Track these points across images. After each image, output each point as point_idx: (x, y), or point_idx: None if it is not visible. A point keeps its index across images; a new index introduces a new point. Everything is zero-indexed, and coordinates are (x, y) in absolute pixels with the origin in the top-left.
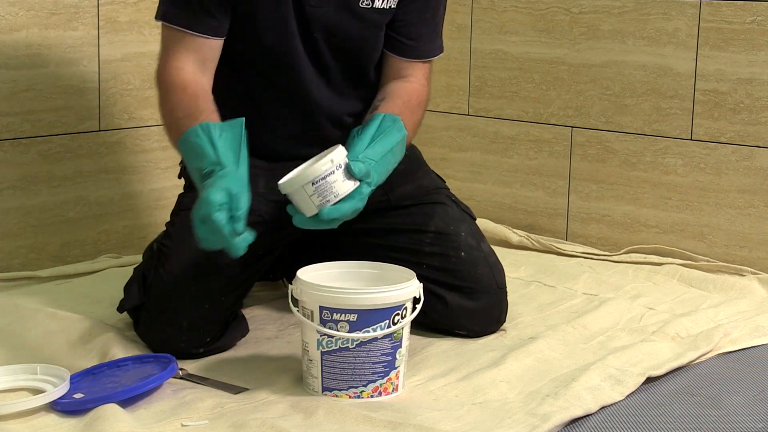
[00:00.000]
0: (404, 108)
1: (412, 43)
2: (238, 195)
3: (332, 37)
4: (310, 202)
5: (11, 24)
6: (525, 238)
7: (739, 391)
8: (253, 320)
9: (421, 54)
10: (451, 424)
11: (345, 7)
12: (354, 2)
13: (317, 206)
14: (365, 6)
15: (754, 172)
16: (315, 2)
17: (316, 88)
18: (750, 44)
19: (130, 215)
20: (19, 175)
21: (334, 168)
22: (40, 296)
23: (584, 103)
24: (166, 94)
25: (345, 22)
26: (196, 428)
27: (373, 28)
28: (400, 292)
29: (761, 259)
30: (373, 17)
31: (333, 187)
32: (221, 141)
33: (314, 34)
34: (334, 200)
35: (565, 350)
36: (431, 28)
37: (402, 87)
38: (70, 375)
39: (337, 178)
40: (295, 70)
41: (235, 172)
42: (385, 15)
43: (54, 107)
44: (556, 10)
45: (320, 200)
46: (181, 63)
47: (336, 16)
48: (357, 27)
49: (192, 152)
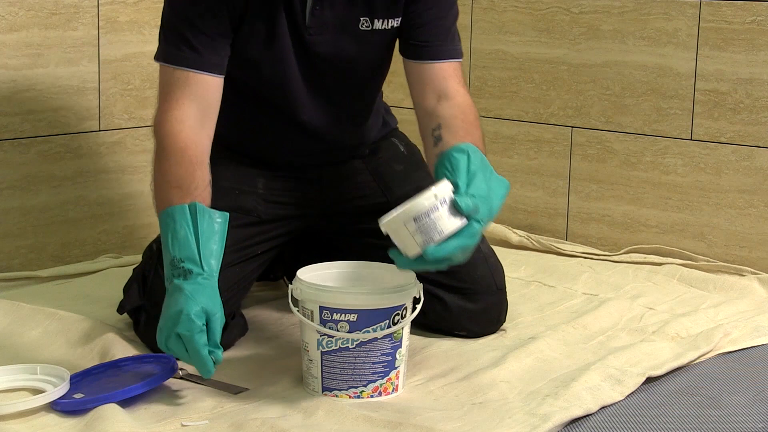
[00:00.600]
0: (470, 128)
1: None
2: (217, 316)
3: (332, 61)
4: (413, 241)
5: (11, 24)
6: (525, 238)
7: (739, 391)
8: (253, 320)
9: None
10: (451, 424)
11: (344, 31)
12: (353, 25)
13: (420, 245)
14: (365, 29)
15: (754, 172)
16: (314, 30)
17: (313, 111)
18: (750, 44)
19: (130, 215)
20: (19, 175)
21: (438, 203)
22: (40, 296)
23: (584, 103)
24: (162, 152)
25: (345, 46)
26: (196, 428)
27: (374, 50)
28: (399, 293)
29: (761, 259)
30: (374, 39)
31: (437, 224)
32: (205, 234)
33: (313, 59)
34: (439, 238)
35: (565, 350)
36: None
37: (451, 109)
38: (70, 375)
39: (442, 215)
40: (292, 97)
41: (215, 284)
42: (387, 35)
43: (54, 107)
44: (556, 10)
45: (423, 239)
46: (183, 113)
47: (336, 41)
48: (357, 50)
49: (173, 235)
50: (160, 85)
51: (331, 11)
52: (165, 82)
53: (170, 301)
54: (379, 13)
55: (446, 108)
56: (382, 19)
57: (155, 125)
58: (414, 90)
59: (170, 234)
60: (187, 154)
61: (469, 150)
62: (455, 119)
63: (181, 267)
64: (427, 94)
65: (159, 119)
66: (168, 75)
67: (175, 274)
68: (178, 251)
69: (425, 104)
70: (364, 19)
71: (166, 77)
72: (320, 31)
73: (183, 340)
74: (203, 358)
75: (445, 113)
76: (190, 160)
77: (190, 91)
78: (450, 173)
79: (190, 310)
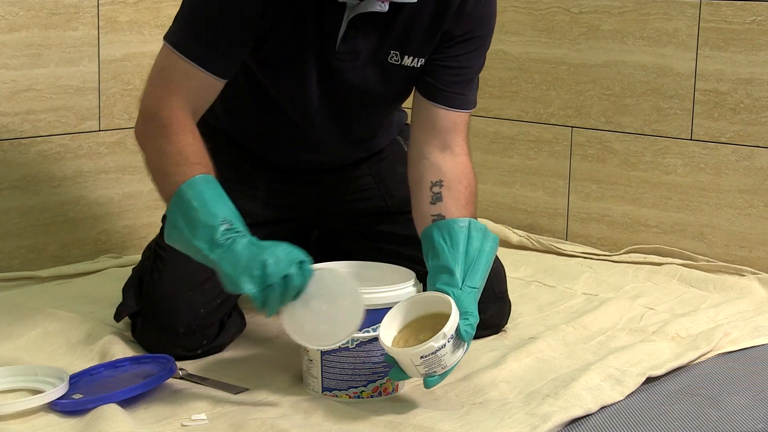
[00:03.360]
0: (470, 198)
1: (446, 90)
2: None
3: (355, 90)
4: (415, 371)
5: (11, 24)
6: (525, 238)
7: (739, 391)
8: (253, 320)
9: (455, 102)
10: (451, 424)
11: (373, 62)
12: (383, 57)
13: (422, 375)
14: (394, 62)
15: (754, 172)
16: (343, 56)
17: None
18: (750, 44)
19: (130, 215)
20: (19, 175)
21: (446, 341)
22: (40, 296)
23: (584, 103)
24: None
25: (371, 77)
26: (196, 428)
27: (398, 84)
28: (399, 292)
29: (761, 259)
30: (400, 74)
31: (442, 360)
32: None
33: (337, 85)
34: (441, 371)
35: (565, 350)
36: (467, 78)
37: (456, 168)
38: (70, 375)
39: (447, 351)
40: (307, 115)
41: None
42: (412, 73)
43: (54, 107)
44: (556, 10)
45: (426, 371)
46: (181, 101)
47: (363, 70)
48: (382, 82)
49: (209, 199)
50: (159, 67)
51: (363, 40)
52: (166, 67)
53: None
54: (411, 50)
55: (450, 165)
56: (413, 57)
57: (153, 107)
58: (418, 128)
59: (204, 200)
60: (197, 134)
61: (472, 234)
62: (459, 184)
63: (232, 228)
64: (431, 139)
65: (158, 102)
66: (172, 60)
67: (226, 233)
68: (221, 212)
69: (427, 151)
70: (394, 52)
71: (169, 62)
72: (350, 58)
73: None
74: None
75: (448, 171)
76: (199, 139)
77: (189, 85)
78: (449, 252)
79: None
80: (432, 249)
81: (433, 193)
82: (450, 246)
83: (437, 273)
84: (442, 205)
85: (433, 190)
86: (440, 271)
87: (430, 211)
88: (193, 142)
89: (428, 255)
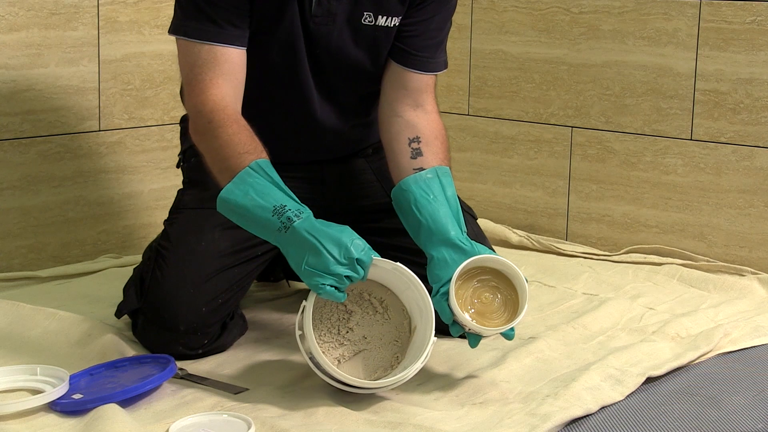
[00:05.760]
0: (446, 153)
1: (417, 54)
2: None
3: (334, 54)
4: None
5: (11, 24)
6: (525, 238)
7: (739, 391)
8: (253, 320)
9: (426, 66)
10: (451, 424)
11: (347, 24)
12: (356, 19)
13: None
14: (368, 23)
15: (754, 172)
16: (319, 19)
17: (319, 106)
18: (750, 44)
19: (130, 215)
20: (19, 175)
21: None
22: (40, 296)
23: (584, 103)
24: (215, 125)
25: (347, 39)
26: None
27: (373, 45)
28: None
29: (761, 259)
30: (374, 34)
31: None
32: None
33: (317, 51)
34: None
35: (565, 350)
36: (437, 41)
37: (430, 125)
38: (70, 375)
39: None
40: (300, 88)
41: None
42: (387, 33)
43: (54, 107)
44: (556, 10)
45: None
46: (221, 92)
47: (337, 32)
48: (357, 43)
49: (267, 187)
50: (185, 64)
51: (336, 2)
52: (191, 62)
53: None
54: (384, 10)
55: (424, 122)
56: (387, 16)
57: (196, 105)
58: (390, 86)
59: (262, 187)
60: (242, 123)
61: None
62: (436, 140)
63: (294, 212)
64: (404, 98)
65: (199, 99)
66: (193, 53)
67: (288, 218)
68: (278, 200)
69: (400, 109)
70: (368, 13)
71: (191, 56)
72: (325, 21)
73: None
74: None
75: (424, 128)
76: (246, 126)
77: (220, 70)
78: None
79: (354, 238)
80: (416, 202)
81: (413, 149)
82: (435, 198)
83: (438, 224)
84: (423, 160)
85: (412, 146)
86: (442, 224)
87: (411, 165)
88: (237, 130)
89: (414, 206)
